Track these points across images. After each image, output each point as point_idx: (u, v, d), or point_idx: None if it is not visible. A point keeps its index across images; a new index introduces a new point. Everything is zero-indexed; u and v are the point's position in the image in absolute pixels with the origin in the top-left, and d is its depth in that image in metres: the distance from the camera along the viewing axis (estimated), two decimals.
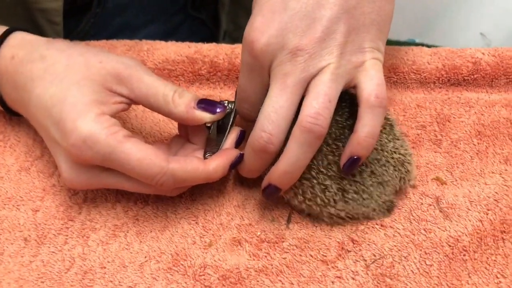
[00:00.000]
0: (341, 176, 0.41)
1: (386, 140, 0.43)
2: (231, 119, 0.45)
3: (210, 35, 0.80)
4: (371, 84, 0.40)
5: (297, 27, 0.40)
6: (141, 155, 0.39)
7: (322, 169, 0.41)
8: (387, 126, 0.44)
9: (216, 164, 0.42)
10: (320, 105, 0.38)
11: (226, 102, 0.46)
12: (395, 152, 0.43)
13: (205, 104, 0.43)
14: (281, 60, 0.40)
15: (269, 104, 0.39)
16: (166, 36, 0.74)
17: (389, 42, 0.48)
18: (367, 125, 0.39)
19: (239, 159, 0.43)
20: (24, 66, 0.43)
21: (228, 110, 0.45)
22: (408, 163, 0.44)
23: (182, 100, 0.42)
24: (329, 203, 0.41)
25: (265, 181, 0.41)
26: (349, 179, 0.41)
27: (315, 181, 0.41)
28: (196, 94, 0.43)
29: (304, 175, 0.41)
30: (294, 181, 0.41)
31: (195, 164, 0.41)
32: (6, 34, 0.46)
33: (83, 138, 0.39)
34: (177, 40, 0.58)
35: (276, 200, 0.45)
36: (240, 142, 0.45)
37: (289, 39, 0.39)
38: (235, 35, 0.81)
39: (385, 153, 0.43)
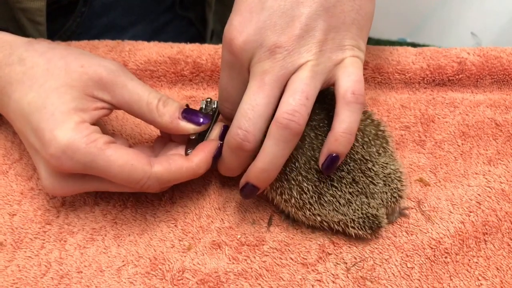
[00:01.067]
0: (320, 179, 0.40)
1: (376, 153, 0.42)
2: (214, 118, 0.45)
3: (198, 35, 0.80)
4: (348, 80, 0.39)
5: (276, 25, 0.39)
6: (122, 161, 0.39)
7: (302, 171, 0.40)
8: (381, 139, 0.43)
9: (199, 159, 0.41)
10: (296, 102, 0.38)
11: (209, 99, 0.45)
12: (385, 167, 0.42)
13: (190, 114, 0.42)
14: (260, 58, 0.39)
15: (246, 102, 0.39)
16: (153, 35, 0.73)
17: (380, 42, 0.47)
18: (344, 121, 0.39)
19: (221, 149, 0.42)
20: (2, 69, 0.42)
21: (211, 112, 0.44)
22: (399, 180, 0.42)
23: (167, 109, 0.42)
24: (305, 205, 0.41)
25: (243, 180, 0.41)
26: (326, 183, 0.40)
27: (294, 183, 0.40)
28: (180, 103, 0.43)
29: (285, 176, 0.40)
30: (271, 180, 0.40)
31: (178, 164, 0.41)
32: None
33: (62, 148, 0.38)
34: (165, 40, 0.58)
35: (257, 201, 0.45)
36: (224, 136, 0.44)
37: (268, 36, 0.39)
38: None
39: (376, 166, 0.41)
